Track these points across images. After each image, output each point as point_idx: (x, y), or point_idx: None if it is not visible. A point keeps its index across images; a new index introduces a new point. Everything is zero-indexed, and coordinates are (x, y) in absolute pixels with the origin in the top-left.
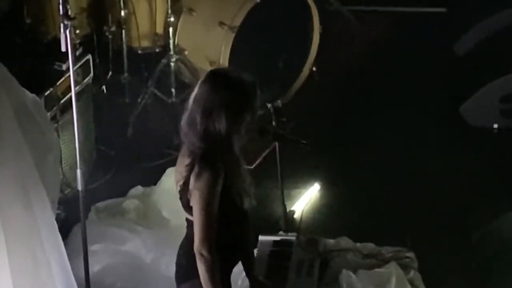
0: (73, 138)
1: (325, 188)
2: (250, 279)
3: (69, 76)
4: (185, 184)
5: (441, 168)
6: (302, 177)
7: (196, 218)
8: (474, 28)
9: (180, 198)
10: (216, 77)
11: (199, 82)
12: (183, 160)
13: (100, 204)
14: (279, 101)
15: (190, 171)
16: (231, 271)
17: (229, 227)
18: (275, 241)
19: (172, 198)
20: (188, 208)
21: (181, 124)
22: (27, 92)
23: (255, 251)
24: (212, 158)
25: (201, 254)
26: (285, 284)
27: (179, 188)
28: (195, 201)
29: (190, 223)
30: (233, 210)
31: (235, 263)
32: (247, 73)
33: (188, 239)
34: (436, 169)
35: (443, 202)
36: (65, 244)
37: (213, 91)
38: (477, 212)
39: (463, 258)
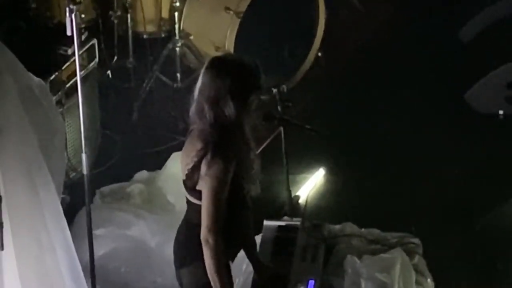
0: (78, 123)
1: (330, 173)
2: (253, 264)
3: (75, 60)
4: (194, 168)
5: (446, 154)
6: (307, 162)
7: (205, 205)
8: (480, 14)
9: (185, 180)
10: (217, 64)
11: (201, 72)
12: (194, 143)
13: (105, 189)
14: (284, 86)
15: (202, 156)
16: (234, 257)
17: (232, 212)
18: (280, 226)
19: (177, 183)
20: (192, 191)
21: (190, 114)
22: (33, 76)
23: (260, 236)
24: (225, 145)
25: (207, 241)
26: (290, 269)
27: (186, 172)
28: (206, 188)
29: (191, 205)
30: (237, 196)
31: (239, 249)
32: (247, 56)
33: (188, 223)
34: (441, 155)
35: (448, 188)
36: (70, 228)
37: (217, 79)
38: (482, 198)
39: (468, 244)
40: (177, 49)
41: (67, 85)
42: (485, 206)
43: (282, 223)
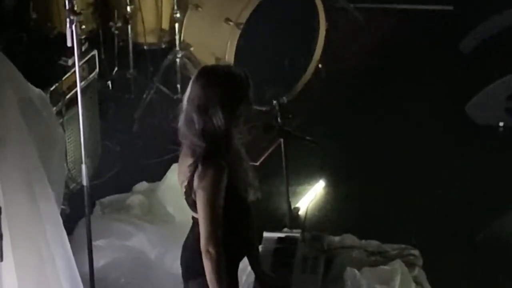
0: (78, 133)
1: (330, 185)
2: (256, 273)
3: (75, 71)
4: (190, 184)
5: (447, 166)
6: (307, 174)
7: (202, 216)
8: (481, 26)
9: (186, 198)
10: (206, 74)
11: (191, 81)
12: (186, 160)
13: (105, 200)
14: (284, 98)
15: (193, 171)
16: (237, 266)
17: (234, 221)
18: (279, 238)
19: (177, 194)
20: (194, 207)
21: (179, 126)
22: (33, 87)
23: (260, 247)
24: (215, 156)
25: (208, 252)
26: (290, 281)
27: (184, 189)
28: (200, 200)
29: (196, 220)
30: (237, 205)
31: (241, 258)
32: (237, 67)
33: (195, 237)
34: (442, 167)
35: (448, 199)
36: (69, 239)
37: (206, 88)
38: (482, 210)
39: (468, 256)
40: (178, 60)
41: (67, 96)
42: (485, 218)
43: (282, 235)
